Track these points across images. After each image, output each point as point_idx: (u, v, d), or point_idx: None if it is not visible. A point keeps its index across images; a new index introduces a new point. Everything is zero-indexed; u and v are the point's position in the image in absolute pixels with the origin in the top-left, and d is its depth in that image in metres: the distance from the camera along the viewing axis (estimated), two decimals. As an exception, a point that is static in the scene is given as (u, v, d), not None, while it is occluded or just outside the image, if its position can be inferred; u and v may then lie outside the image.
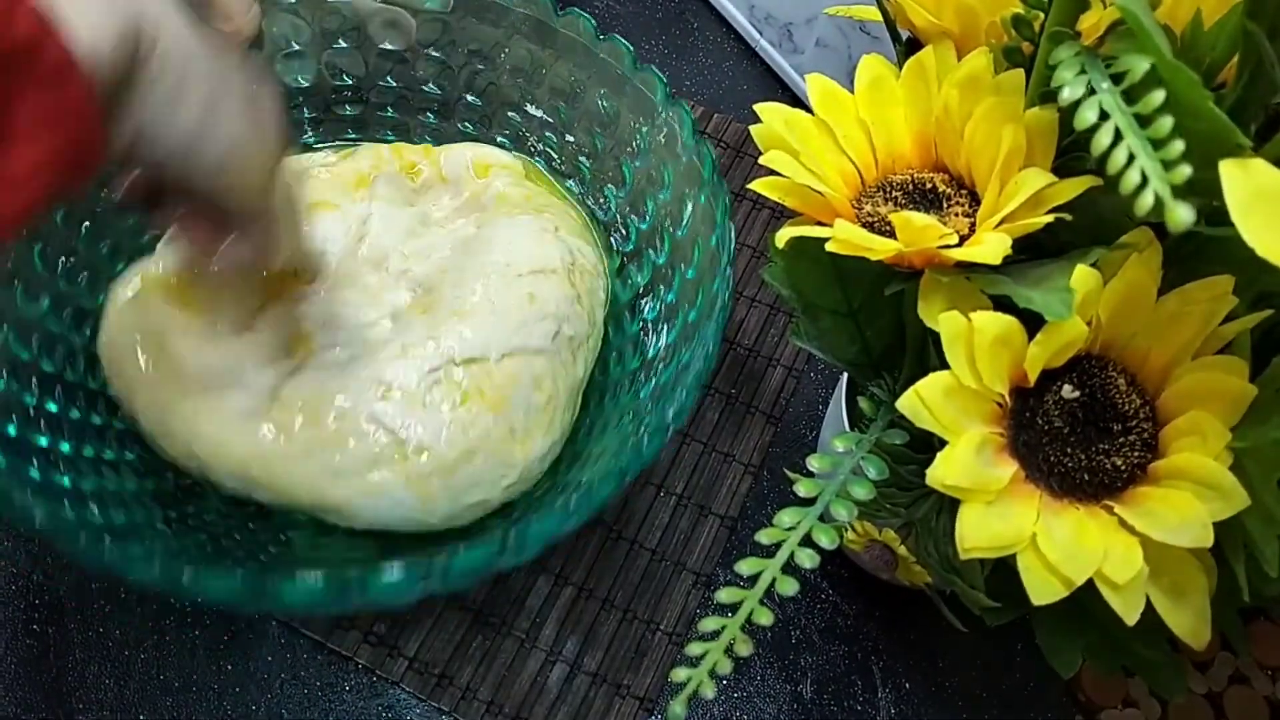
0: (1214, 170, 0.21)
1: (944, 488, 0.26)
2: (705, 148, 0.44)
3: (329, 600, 0.33)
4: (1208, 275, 0.26)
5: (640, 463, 0.37)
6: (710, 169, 0.44)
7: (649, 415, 0.42)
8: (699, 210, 0.45)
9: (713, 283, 0.42)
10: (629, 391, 0.47)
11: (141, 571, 0.32)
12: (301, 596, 0.32)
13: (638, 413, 0.44)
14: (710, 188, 0.43)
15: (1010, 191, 0.28)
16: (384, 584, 0.33)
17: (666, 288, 0.47)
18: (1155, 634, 0.26)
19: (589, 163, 0.52)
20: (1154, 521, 0.25)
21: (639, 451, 0.37)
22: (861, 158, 0.32)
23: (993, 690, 0.49)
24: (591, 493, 0.36)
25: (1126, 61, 0.24)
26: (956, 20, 0.31)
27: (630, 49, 0.47)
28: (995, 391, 0.27)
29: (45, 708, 0.46)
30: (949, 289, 0.28)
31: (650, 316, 0.48)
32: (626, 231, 0.51)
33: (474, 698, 0.47)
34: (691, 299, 0.44)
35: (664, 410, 0.39)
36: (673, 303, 0.46)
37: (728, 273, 0.41)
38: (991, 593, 0.31)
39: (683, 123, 0.46)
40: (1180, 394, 0.27)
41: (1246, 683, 0.49)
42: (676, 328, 0.45)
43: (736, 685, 0.49)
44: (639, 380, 0.47)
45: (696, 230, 0.45)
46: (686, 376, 0.40)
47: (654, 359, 0.46)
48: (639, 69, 0.47)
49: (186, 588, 0.32)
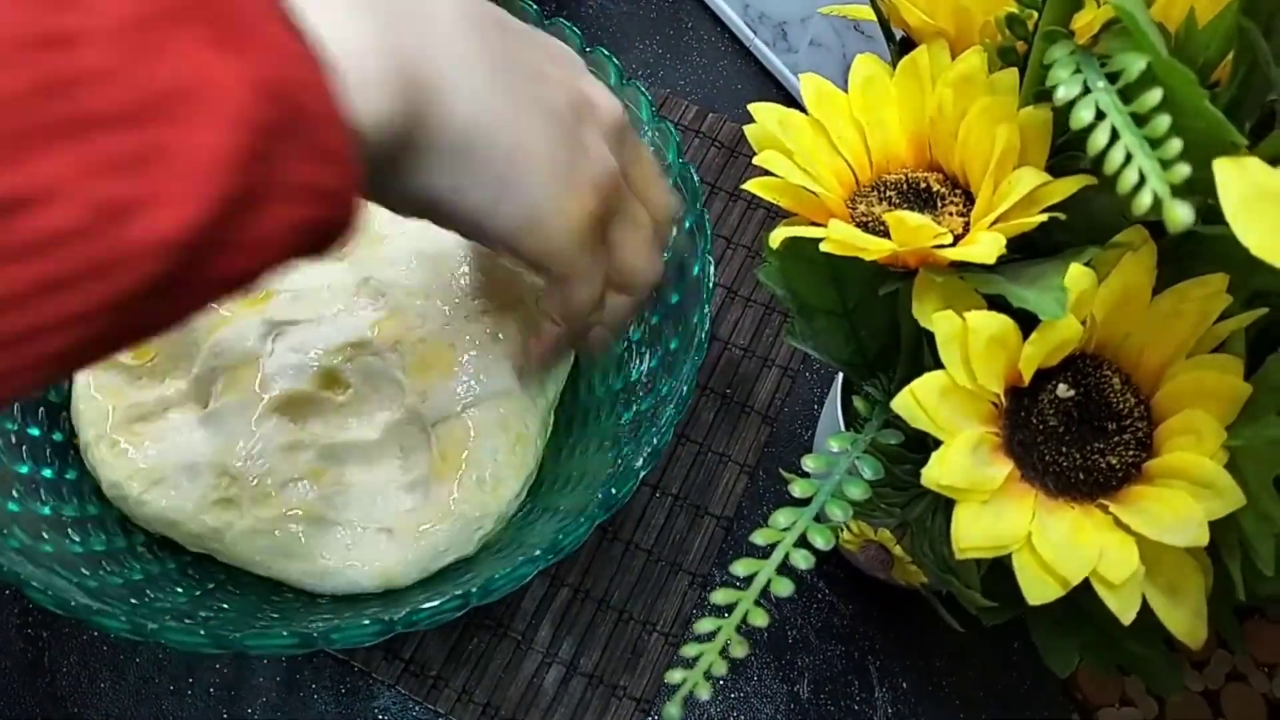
0: (1208, 169, 0.21)
1: (939, 487, 0.26)
2: (689, 171, 0.43)
3: (296, 650, 0.34)
4: (1202, 274, 0.26)
5: (607, 508, 0.37)
6: (695, 197, 0.43)
7: (628, 443, 0.42)
8: (682, 234, 0.43)
9: (693, 314, 0.41)
10: (610, 414, 0.46)
11: (110, 622, 0.33)
12: (267, 649, 0.33)
13: (618, 439, 0.44)
14: (694, 216, 0.42)
15: (1004, 191, 0.28)
16: (349, 635, 0.34)
17: (650, 310, 0.46)
18: (1151, 633, 0.26)
19: None
20: (1149, 520, 0.25)
21: (608, 496, 0.37)
22: (856, 157, 0.32)
23: (989, 689, 0.49)
24: (558, 542, 0.36)
25: (1121, 60, 0.24)
26: (951, 19, 0.31)
27: (578, 32, 0.45)
28: (990, 391, 0.27)
29: (41, 712, 0.46)
30: (943, 289, 0.28)
31: (634, 337, 0.47)
32: None
33: (470, 700, 0.47)
34: (674, 326, 0.44)
35: (639, 450, 0.38)
36: (656, 325, 0.46)
37: (706, 310, 0.41)
38: (987, 592, 0.31)
39: (639, 105, 0.44)
40: (1175, 393, 0.27)
41: (1243, 680, 0.49)
42: (659, 354, 0.44)
43: (733, 685, 0.49)
44: (620, 402, 0.46)
45: (680, 254, 0.44)
46: (661, 414, 0.39)
47: (636, 382, 0.46)
48: (588, 51, 0.45)
49: (153, 637, 0.33)
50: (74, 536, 0.40)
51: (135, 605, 0.37)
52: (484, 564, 0.42)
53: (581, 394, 0.49)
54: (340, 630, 0.34)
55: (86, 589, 0.36)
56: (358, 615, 0.38)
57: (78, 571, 0.37)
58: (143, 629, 0.33)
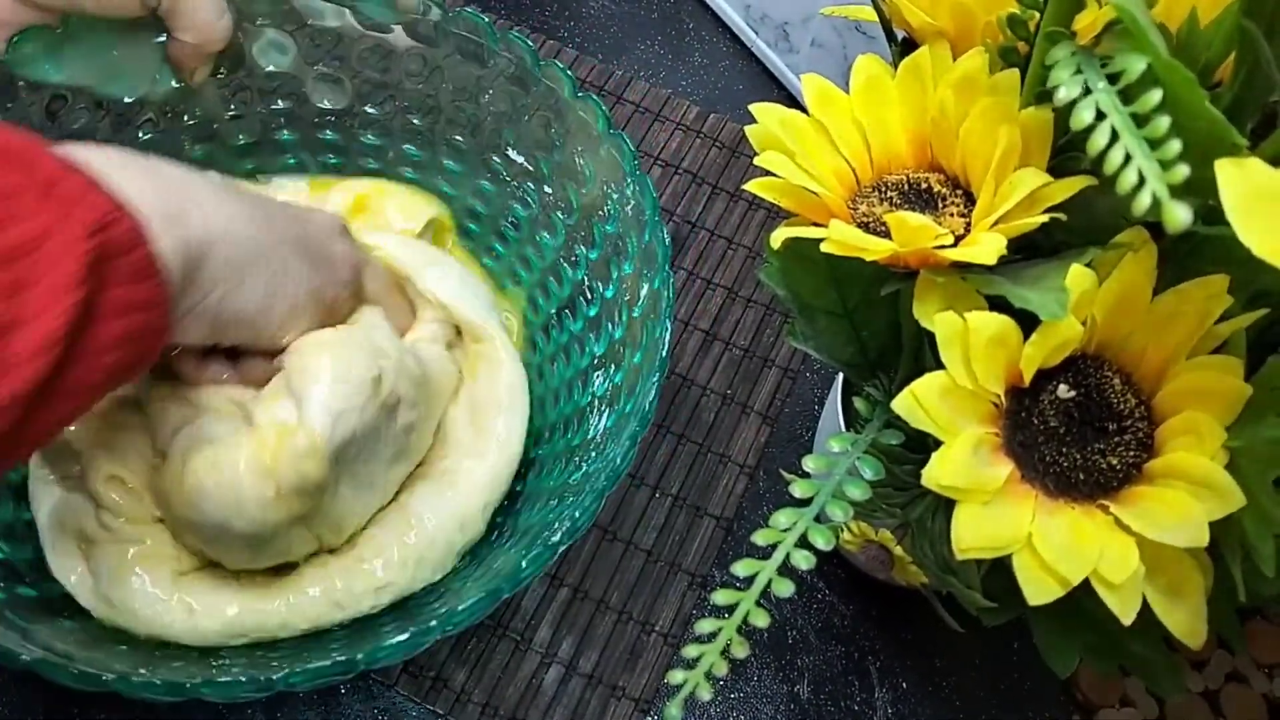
0: (1209, 169, 0.21)
1: (940, 488, 0.26)
2: (646, 183, 0.43)
3: (253, 692, 0.34)
4: (1203, 274, 0.26)
5: (547, 558, 0.36)
6: (652, 207, 0.42)
7: (593, 463, 0.41)
8: (641, 249, 0.43)
9: (654, 328, 0.41)
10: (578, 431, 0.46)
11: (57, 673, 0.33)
12: (223, 694, 0.33)
13: (582, 459, 0.43)
14: (651, 228, 0.42)
15: (1005, 191, 0.28)
16: (306, 673, 0.34)
17: (613, 324, 0.46)
18: (1152, 633, 0.26)
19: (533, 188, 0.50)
20: (1150, 521, 0.25)
21: (544, 550, 0.36)
22: (857, 158, 0.32)
23: (990, 690, 0.49)
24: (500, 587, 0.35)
25: (1122, 61, 0.24)
26: (952, 20, 0.31)
27: (571, 77, 0.44)
28: (991, 391, 0.27)
29: (44, 709, 0.46)
30: (944, 289, 0.28)
31: (600, 350, 0.46)
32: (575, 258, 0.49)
33: (469, 700, 0.47)
34: (636, 339, 0.43)
35: (566, 521, 0.37)
36: (621, 338, 0.45)
37: (666, 324, 0.40)
38: (988, 593, 0.31)
39: (622, 155, 0.43)
40: (1176, 393, 0.27)
41: (1243, 681, 0.49)
42: (623, 370, 0.43)
43: (733, 686, 0.49)
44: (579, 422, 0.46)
45: (640, 270, 0.43)
46: (594, 483, 0.39)
47: (603, 396, 0.45)
48: (579, 96, 0.45)
49: (107, 687, 0.32)
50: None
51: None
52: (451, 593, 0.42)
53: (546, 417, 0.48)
54: (296, 675, 0.34)
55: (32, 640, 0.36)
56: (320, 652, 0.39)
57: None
58: (95, 680, 0.32)
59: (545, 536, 0.37)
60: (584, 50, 0.65)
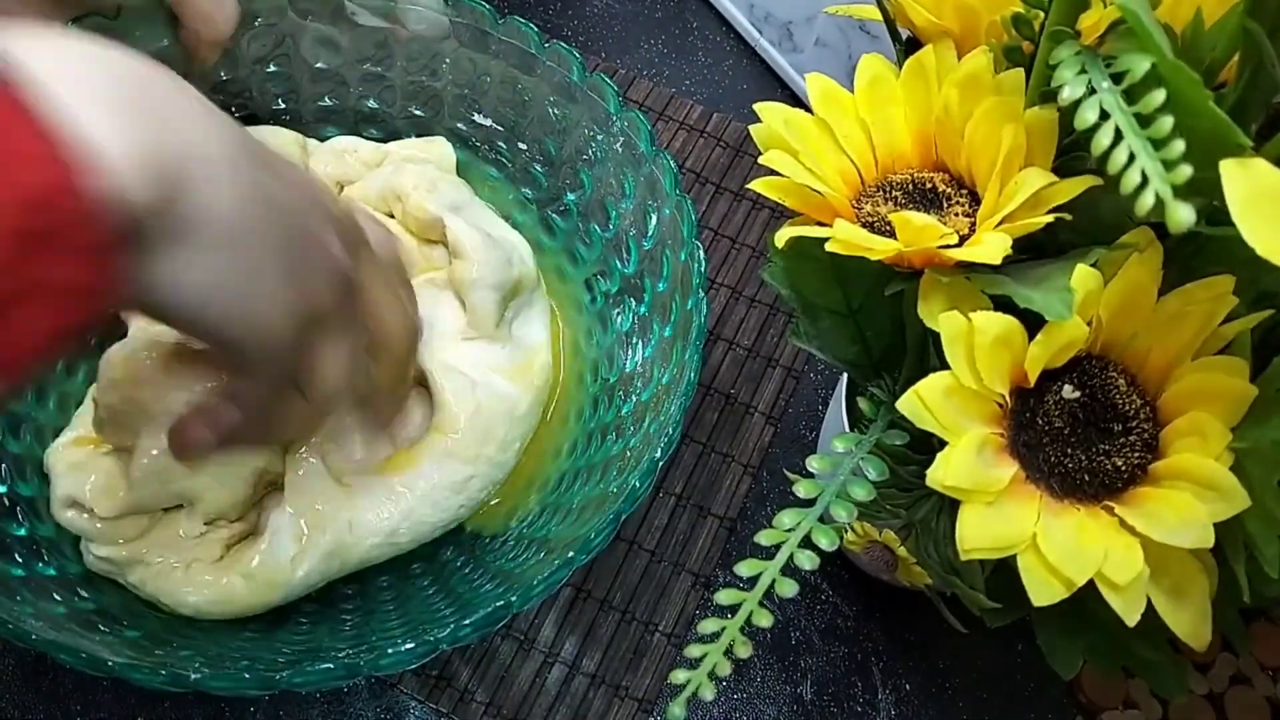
0: (1214, 170, 0.21)
1: (944, 488, 0.26)
2: (665, 159, 0.44)
3: (256, 689, 0.33)
4: (1208, 275, 0.26)
5: (592, 548, 0.37)
6: (672, 183, 0.43)
7: (634, 435, 0.42)
8: (664, 222, 0.44)
9: (687, 300, 0.41)
10: (610, 406, 0.47)
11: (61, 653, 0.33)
12: (228, 687, 0.33)
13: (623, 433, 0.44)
14: (674, 200, 0.43)
15: (1010, 191, 0.28)
16: (312, 675, 0.34)
17: (638, 300, 0.47)
18: (1156, 635, 0.26)
19: (542, 168, 0.51)
20: (1155, 522, 0.25)
21: (590, 540, 0.37)
22: (861, 157, 0.32)
23: (993, 691, 0.49)
24: (575, 557, 0.37)
25: (1127, 61, 0.24)
26: (956, 19, 0.31)
27: (578, 57, 0.45)
28: (995, 392, 0.27)
29: (43, 711, 0.46)
30: (949, 289, 0.28)
31: (624, 328, 0.48)
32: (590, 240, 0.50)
33: (472, 699, 0.47)
34: (664, 315, 0.44)
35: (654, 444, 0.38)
36: (645, 315, 0.46)
37: (701, 295, 0.40)
38: (992, 594, 0.31)
39: (639, 133, 0.45)
40: (1181, 394, 0.27)
41: (1248, 683, 0.49)
42: (653, 343, 0.44)
43: (736, 686, 0.49)
44: (617, 393, 0.46)
45: (664, 241, 0.44)
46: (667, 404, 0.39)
47: (632, 373, 0.46)
48: (589, 75, 0.46)
49: (112, 673, 0.33)
50: (17, 557, 0.40)
51: (95, 639, 0.37)
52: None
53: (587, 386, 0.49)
54: (300, 673, 0.34)
55: (46, 617, 0.36)
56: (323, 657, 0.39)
57: (18, 597, 0.37)
58: (101, 665, 0.33)
59: (563, 550, 0.38)
60: (587, 49, 0.65)
